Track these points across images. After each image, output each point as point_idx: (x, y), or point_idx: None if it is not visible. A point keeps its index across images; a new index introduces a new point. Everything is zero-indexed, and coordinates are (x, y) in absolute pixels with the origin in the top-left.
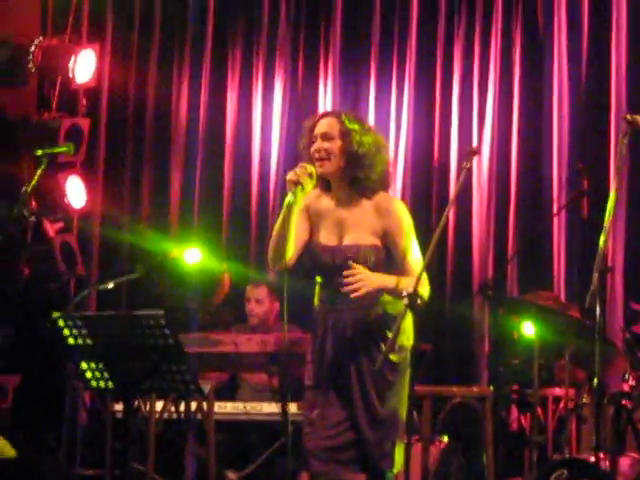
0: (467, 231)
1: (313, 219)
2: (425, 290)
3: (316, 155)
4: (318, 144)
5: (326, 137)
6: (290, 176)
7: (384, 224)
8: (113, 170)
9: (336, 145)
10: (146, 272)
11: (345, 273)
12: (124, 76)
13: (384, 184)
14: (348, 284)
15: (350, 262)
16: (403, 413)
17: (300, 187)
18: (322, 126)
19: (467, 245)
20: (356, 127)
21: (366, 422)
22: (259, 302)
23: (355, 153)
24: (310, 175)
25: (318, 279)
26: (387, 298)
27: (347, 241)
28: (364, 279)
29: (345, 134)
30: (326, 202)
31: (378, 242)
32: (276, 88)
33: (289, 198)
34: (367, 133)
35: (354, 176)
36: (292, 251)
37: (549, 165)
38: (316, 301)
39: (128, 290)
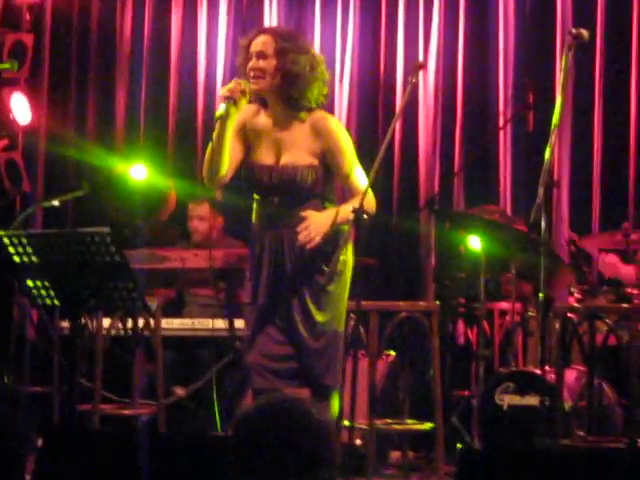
0: (413, 146)
1: (250, 137)
2: (371, 205)
3: (251, 73)
4: (253, 62)
5: (261, 55)
6: (223, 92)
7: (323, 144)
8: (58, 86)
9: (271, 63)
10: (92, 189)
11: (298, 229)
12: None
13: (320, 102)
14: (302, 238)
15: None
16: (342, 326)
17: (232, 102)
18: (257, 44)
19: (413, 160)
20: (291, 46)
21: (305, 332)
22: (202, 219)
23: (289, 71)
24: (243, 92)
25: (255, 197)
26: None
27: (284, 161)
28: (316, 227)
29: (280, 52)
30: (263, 120)
31: (316, 162)
32: (221, 6)
33: (220, 111)
34: (302, 51)
35: (289, 95)
36: (227, 167)
37: (495, 79)
38: (254, 218)
39: (74, 207)
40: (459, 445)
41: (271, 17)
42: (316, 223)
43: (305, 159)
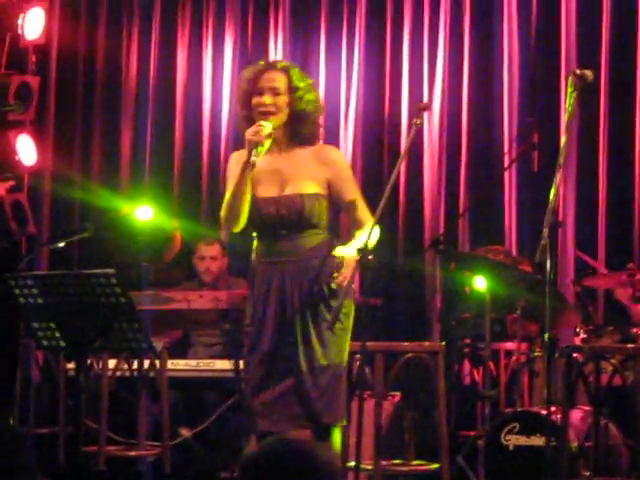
0: (418, 186)
1: (252, 174)
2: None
3: (262, 109)
4: (266, 98)
5: (275, 92)
6: (252, 136)
7: (328, 174)
8: (63, 128)
9: (283, 100)
10: (97, 230)
11: (336, 282)
12: (73, 33)
13: (319, 137)
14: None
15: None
16: (344, 361)
17: (261, 147)
18: (269, 80)
19: (418, 200)
20: (303, 84)
21: (308, 372)
22: (214, 259)
23: (302, 110)
24: (269, 135)
25: (258, 232)
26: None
27: (289, 191)
28: (347, 276)
29: (293, 90)
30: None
31: (321, 191)
32: (226, 45)
33: (252, 157)
34: (312, 90)
35: (298, 132)
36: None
37: (500, 120)
38: (256, 255)
39: (80, 248)
40: None
41: (276, 55)
42: (347, 272)
43: (310, 188)
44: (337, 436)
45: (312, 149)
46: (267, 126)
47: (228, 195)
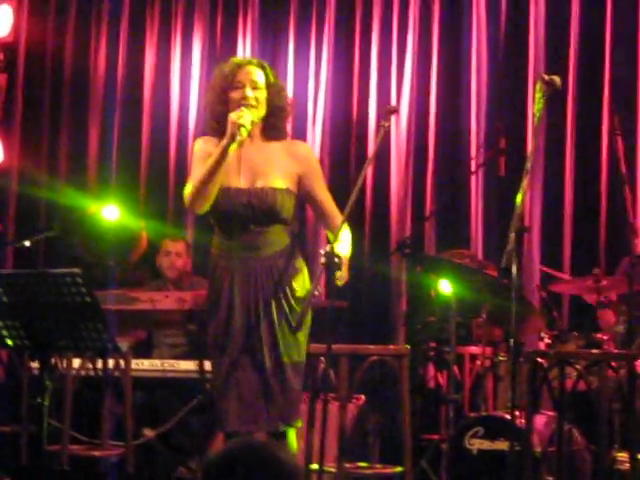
0: (385, 189)
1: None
2: (349, 241)
3: (245, 102)
4: (248, 91)
5: (255, 86)
6: (237, 118)
7: (299, 169)
8: (30, 126)
9: (262, 95)
10: (63, 229)
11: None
12: (42, 31)
13: (288, 133)
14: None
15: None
16: (303, 358)
17: (245, 130)
18: (250, 74)
19: (385, 203)
20: (278, 81)
21: (273, 370)
22: (179, 255)
23: (278, 105)
24: (252, 122)
25: (219, 226)
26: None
27: (261, 184)
28: (346, 276)
29: (270, 85)
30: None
31: (291, 187)
32: (195, 45)
33: (238, 138)
34: (284, 86)
35: (273, 126)
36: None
37: (467, 124)
38: (215, 250)
39: (45, 247)
40: None
41: (245, 56)
42: (346, 263)
43: (282, 183)
44: (293, 437)
45: (282, 144)
46: (250, 113)
47: (200, 176)
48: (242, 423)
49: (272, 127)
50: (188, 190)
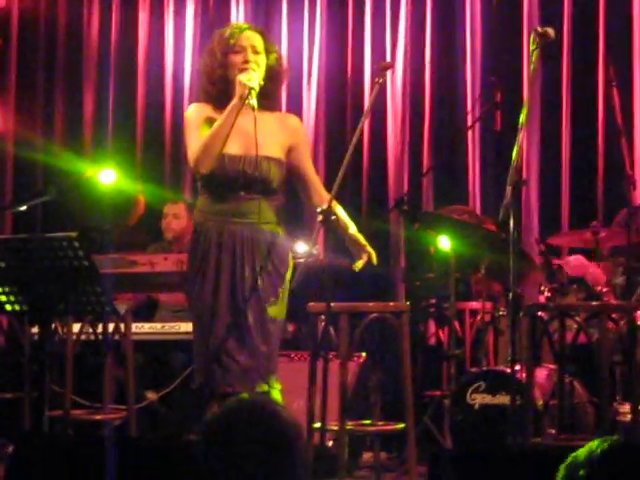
0: (381, 146)
1: None
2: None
3: (246, 65)
4: (249, 55)
5: (255, 50)
6: (247, 80)
7: (290, 140)
8: (25, 91)
9: (262, 60)
10: (59, 193)
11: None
12: None
13: (281, 104)
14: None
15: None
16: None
17: (254, 92)
18: (249, 39)
19: (382, 160)
20: (276, 47)
21: (258, 327)
22: (177, 216)
23: (276, 70)
24: (259, 85)
25: (208, 189)
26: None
27: (255, 153)
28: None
29: (268, 51)
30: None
31: (283, 157)
32: (187, 8)
33: (251, 101)
34: (281, 53)
35: (270, 92)
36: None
37: (462, 79)
38: (200, 213)
39: (42, 212)
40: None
41: (238, 18)
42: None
43: (275, 153)
44: (277, 396)
45: (275, 115)
46: (257, 75)
47: (208, 137)
48: (234, 384)
49: (267, 95)
50: (194, 151)
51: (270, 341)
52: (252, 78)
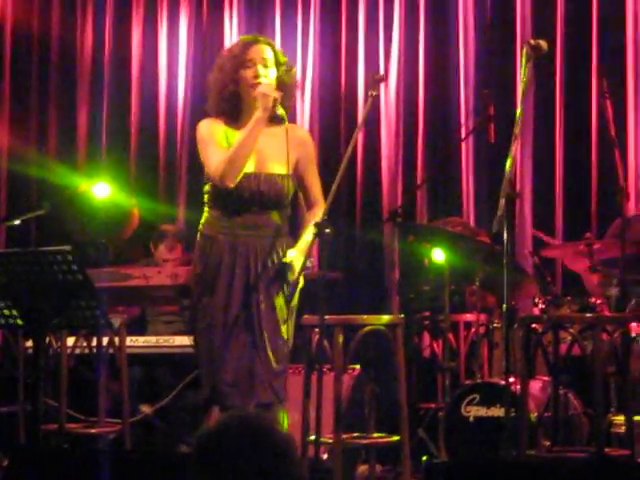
0: (376, 158)
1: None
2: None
3: (257, 80)
4: (261, 70)
5: (266, 64)
6: (271, 92)
7: (298, 154)
8: (19, 105)
9: (272, 72)
10: (53, 207)
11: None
12: (28, 9)
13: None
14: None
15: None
16: (291, 339)
17: (277, 101)
18: (260, 51)
19: (376, 172)
20: (286, 59)
21: (271, 346)
22: (174, 260)
23: (285, 82)
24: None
25: (217, 204)
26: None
27: (270, 169)
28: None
29: (279, 64)
30: (239, 130)
31: (292, 172)
32: (181, 19)
33: (278, 112)
34: (292, 65)
35: (282, 106)
36: None
37: (456, 91)
38: (208, 227)
39: (36, 226)
40: (425, 458)
41: (232, 31)
42: (296, 267)
43: (287, 169)
44: (283, 413)
45: (283, 128)
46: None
47: (234, 150)
48: (238, 397)
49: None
50: (217, 166)
51: (280, 357)
52: (272, 88)
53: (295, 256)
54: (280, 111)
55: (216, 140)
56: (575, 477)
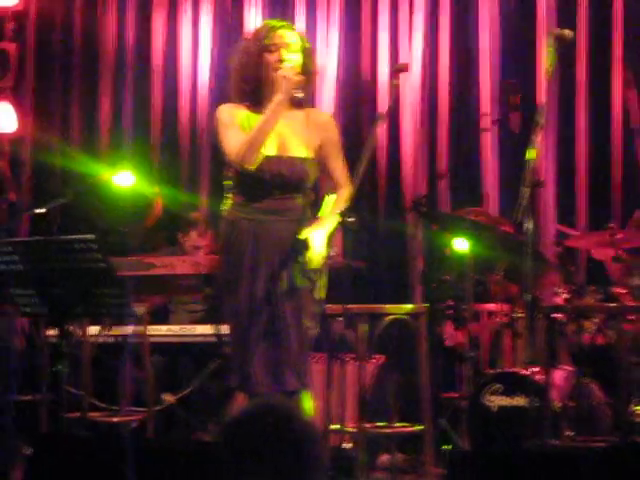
0: (398, 148)
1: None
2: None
3: (281, 65)
4: (285, 54)
5: (291, 49)
6: (293, 74)
7: (321, 137)
8: (43, 94)
9: (297, 58)
10: (76, 196)
11: (309, 257)
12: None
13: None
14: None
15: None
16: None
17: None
18: (285, 36)
19: (399, 162)
20: (309, 45)
21: (295, 330)
22: (205, 247)
23: (308, 67)
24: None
25: (240, 188)
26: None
27: (292, 153)
28: (321, 249)
29: (304, 51)
30: (259, 116)
31: (315, 156)
32: (203, 8)
33: (299, 95)
34: (314, 51)
35: (304, 91)
36: None
37: (479, 80)
38: (232, 211)
39: (60, 215)
40: (446, 447)
41: (255, 19)
42: (320, 245)
43: (308, 152)
44: (307, 398)
45: (306, 112)
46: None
47: (254, 132)
48: (267, 385)
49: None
50: (236, 148)
51: (304, 343)
52: (294, 72)
53: (313, 232)
54: (301, 95)
55: (234, 123)
56: (601, 463)
